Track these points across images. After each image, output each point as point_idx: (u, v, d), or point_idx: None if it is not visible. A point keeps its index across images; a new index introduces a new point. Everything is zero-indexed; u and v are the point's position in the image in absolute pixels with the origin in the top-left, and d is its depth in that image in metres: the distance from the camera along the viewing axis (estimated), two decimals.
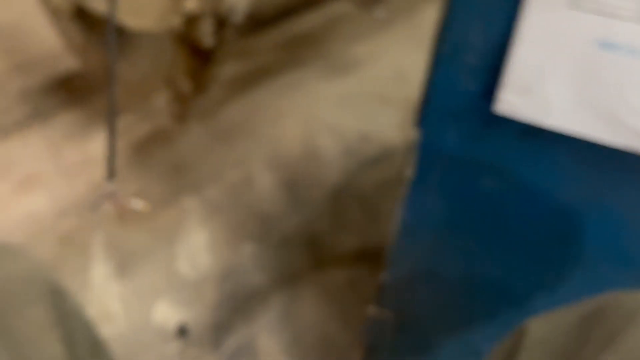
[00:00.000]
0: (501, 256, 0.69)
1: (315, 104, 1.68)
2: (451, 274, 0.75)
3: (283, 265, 1.31)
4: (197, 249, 1.32)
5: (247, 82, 1.73)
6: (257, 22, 1.95)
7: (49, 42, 1.66)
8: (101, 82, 1.45)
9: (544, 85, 0.53)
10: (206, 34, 0.93)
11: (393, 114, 1.67)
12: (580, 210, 0.62)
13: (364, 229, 1.41)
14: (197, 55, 1.01)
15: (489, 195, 0.65)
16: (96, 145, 1.47)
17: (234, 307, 1.23)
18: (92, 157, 1.45)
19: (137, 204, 1.08)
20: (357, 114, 1.67)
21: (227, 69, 1.74)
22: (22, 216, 1.34)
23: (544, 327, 0.43)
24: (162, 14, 0.92)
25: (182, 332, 1.17)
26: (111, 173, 0.99)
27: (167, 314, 1.21)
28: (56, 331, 0.41)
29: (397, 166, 1.62)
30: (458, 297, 0.77)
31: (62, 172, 1.43)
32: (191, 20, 0.92)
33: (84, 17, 1.17)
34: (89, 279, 1.23)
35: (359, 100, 1.71)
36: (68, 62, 1.62)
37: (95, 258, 1.26)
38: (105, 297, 1.21)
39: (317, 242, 1.37)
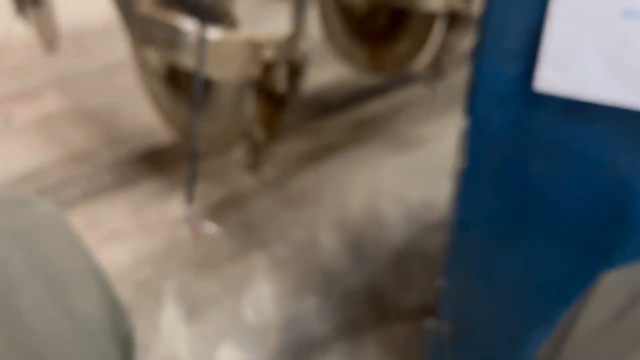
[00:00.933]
0: (560, 249, 0.70)
1: (380, 175, 1.76)
2: (508, 275, 0.75)
3: (345, 318, 1.32)
4: (263, 298, 1.36)
5: (315, 157, 1.85)
6: (326, 107, 2.11)
7: (140, 121, 1.87)
8: (184, 149, 1.60)
9: (578, 59, 0.59)
10: (280, 81, 1.05)
11: None
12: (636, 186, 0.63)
13: (427, 287, 1.40)
14: (271, 102, 1.12)
15: (541, 180, 0.67)
16: (175, 207, 1.59)
17: (296, 354, 1.23)
18: (171, 217, 1.57)
19: (211, 228, 1.15)
20: (421, 183, 1.72)
21: (296, 146, 1.87)
22: (104, 265, 1.44)
23: (617, 276, 0.44)
24: (243, 64, 1.06)
25: None
26: (190, 198, 1.08)
27: (231, 356, 1.23)
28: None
29: None
30: (516, 300, 0.77)
31: (143, 229, 1.55)
32: (267, 69, 1.05)
33: (173, 79, 1.34)
34: (160, 322, 1.29)
35: (422, 171, 1.77)
36: (155, 138, 1.81)
37: (167, 303, 1.33)
38: (173, 339, 1.26)
39: (379, 297, 1.38)
